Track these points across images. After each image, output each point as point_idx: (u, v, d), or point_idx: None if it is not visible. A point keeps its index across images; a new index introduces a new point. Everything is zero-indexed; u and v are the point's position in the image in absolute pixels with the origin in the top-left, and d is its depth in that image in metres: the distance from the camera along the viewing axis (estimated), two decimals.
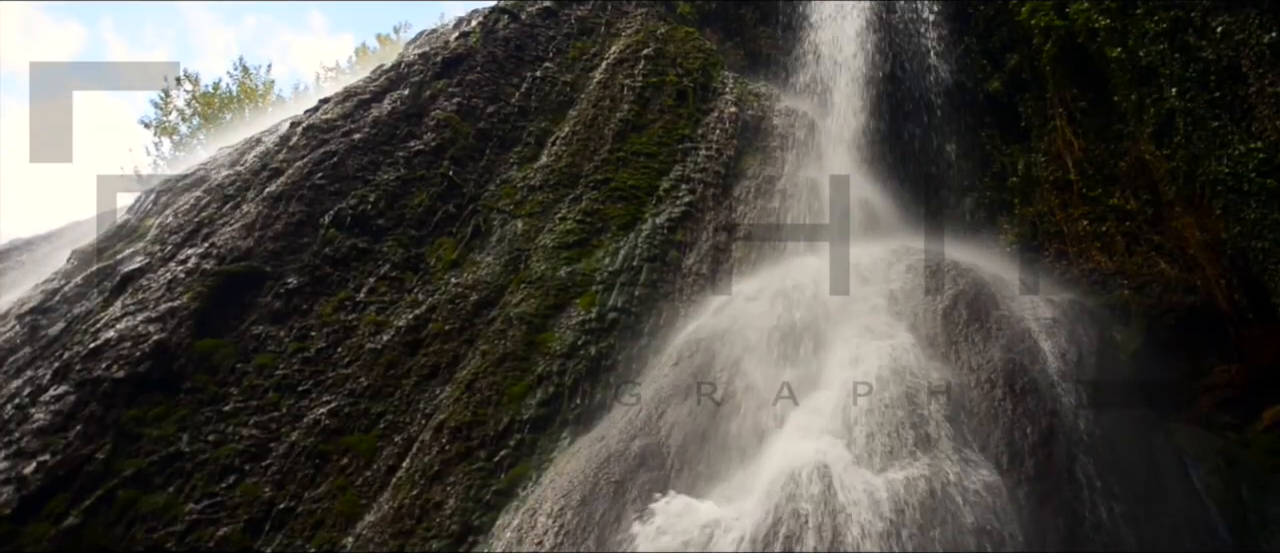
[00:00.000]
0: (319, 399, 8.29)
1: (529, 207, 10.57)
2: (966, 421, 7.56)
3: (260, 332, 8.76)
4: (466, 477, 7.65)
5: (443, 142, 11.12)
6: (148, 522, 7.14)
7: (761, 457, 7.16)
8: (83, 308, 9.29)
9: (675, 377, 8.12)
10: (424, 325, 9.07)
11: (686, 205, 10.58)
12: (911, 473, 6.72)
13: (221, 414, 8.01)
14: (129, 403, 7.86)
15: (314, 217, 9.93)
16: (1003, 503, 6.91)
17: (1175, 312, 10.09)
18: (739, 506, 6.55)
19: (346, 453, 7.93)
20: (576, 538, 6.51)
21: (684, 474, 7.15)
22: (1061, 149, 11.64)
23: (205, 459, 7.63)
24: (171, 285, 8.96)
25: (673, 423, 7.55)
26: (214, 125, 24.15)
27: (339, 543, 7.22)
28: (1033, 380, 8.23)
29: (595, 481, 7.01)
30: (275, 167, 10.69)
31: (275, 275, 9.25)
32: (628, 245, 9.98)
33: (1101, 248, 10.95)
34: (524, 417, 8.15)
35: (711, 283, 9.76)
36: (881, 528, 6.22)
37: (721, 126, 11.83)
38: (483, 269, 9.74)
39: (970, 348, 8.34)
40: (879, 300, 8.87)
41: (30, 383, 8.12)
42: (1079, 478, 7.89)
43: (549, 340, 8.85)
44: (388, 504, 7.46)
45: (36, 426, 7.60)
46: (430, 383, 8.58)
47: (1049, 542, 7.24)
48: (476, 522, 7.36)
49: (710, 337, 8.47)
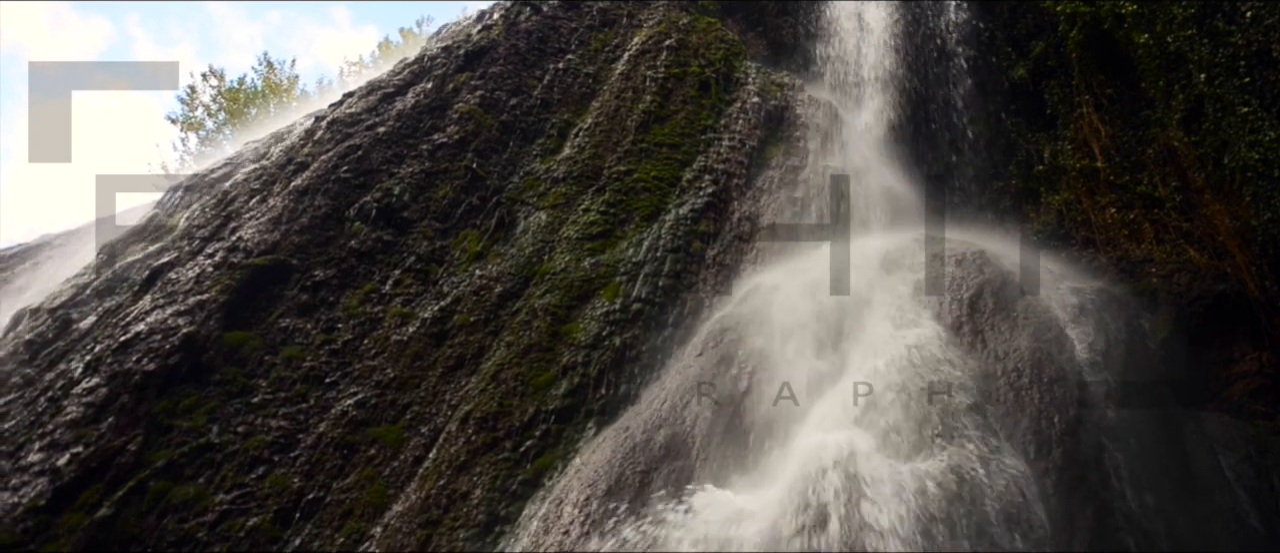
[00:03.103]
0: (346, 391, 8.36)
1: (552, 198, 10.59)
2: (993, 410, 7.51)
3: (287, 324, 8.84)
4: (493, 467, 7.69)
5: (466, 134, 11.16)
6: (179, 512, 7.23)
7: (787, 447, 7.14)
8: (113, 302, 9.41)
9: (700, 367, 8.11)
10: (449, 317, 9.12)
11: (710, 196, 10.56)
12: (937, 462, 6.69)
13: (250, 406, 8.09)
14: (159, 395, 7.95)
15: (339, 210, 10.01)
16: (1030, 492, 6.87)
17: (1205, 299, 9.96)
18: (764, 495, 6.54)
19: (374, 444, 7.99)
20: (602, 528, 6.52)
21: (709, 464, 7.15)
22: (1088, 136, 11.52)
23: (235, 450, 7.72)
24: (200, 279, 9.05)
25: (697, 413, 7.55)
26: (239, 120, 24.37)
27: (367, 533, 7.29)
28: (1060, 369, 8.16)
29: (621, 471, 7.02)
30: (300, 161, 10.77)
31: (302, 268, 9.33)
32: (651, 236, 9.98)
33: (1129, 236, 10.83)
34: (549, 407, 8.17)
35: (735, 273, 9.75)
36: (907, 518, 6.19)
37: (744, 117, 11.79)
38: (507, 261, 9.77)
39: (997, 337, 8.28)
40: (904, 289, 8.82)
41: (62, 376, 8.24)
42: (1107, 467, 7.83)
43: (573, 331, 8.88)
44: (415, 494, 7.51)
45: (69, 418, 7.71)
46: (456, 374, 8.63)
47: (1077, 531, 7.19)
48: (503, 512, 7.39)
49: (735, 327, 8.46)
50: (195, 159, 22.77)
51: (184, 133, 25.78)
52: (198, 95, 25.89)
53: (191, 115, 25.77)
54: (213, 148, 22.98)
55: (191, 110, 25.86)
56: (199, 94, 25.90)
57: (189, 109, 25.91)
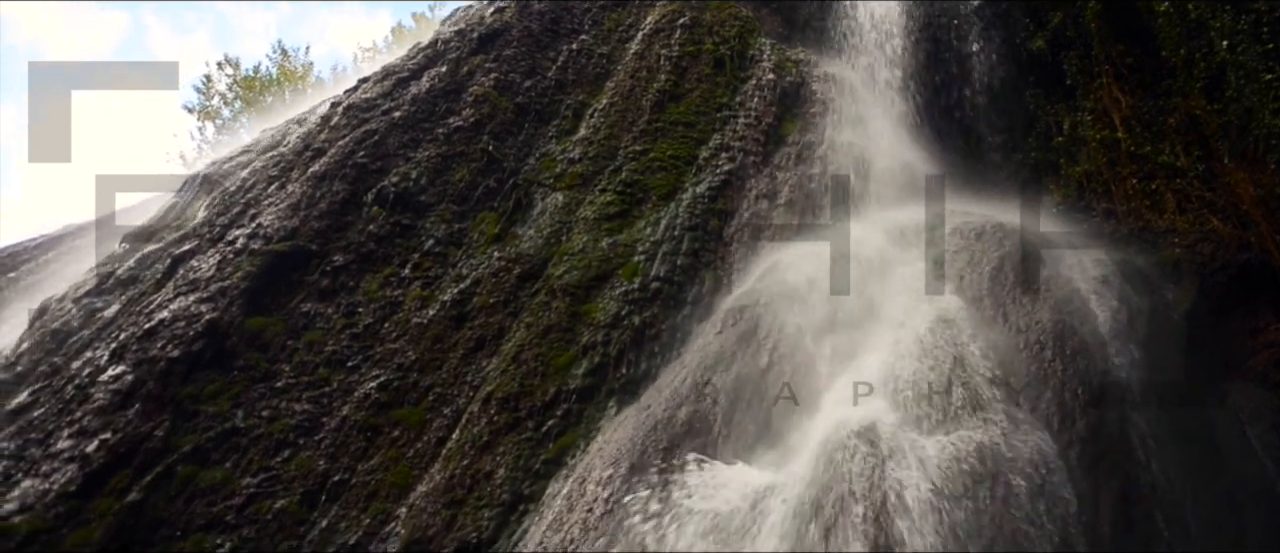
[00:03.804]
0: (368, 374, 8.41)
1: (569, 179, 10.59)
2: (1016, 382, 7.48)
3: (309, 309, 8.90)
4: (515, 447, 7.73)
5: (481, 117, 11.17)
6: (207, 496, 7.31)
7: (809, 422, 7.14)
8: (136, 290, 9.50)
9: (719, 344, 8.11)
10: (469, 299, 9.15)
11: (726, 174, 10.52)
12: (960, 435, 6.66)
13: (274, 390, 8.16)
14: (185, 381, 8.04)
15: (357, 195, 10.05)
16: (1054, 464, 6.84)
17: (1229, 269, 9.86)
18: (787, 471, 6.54)
19: (397, 426, 8.05)
20: (626, 506, 6.54)
21: (731, 441, 7.16)
22: (1109, 107, 11.39)
23: (260, 434, 7.79)
24: (221, 266, 9.12)
25: (719, 390, 7.55)
26: (256, 108, 24.49)
27: (392, 513, 7.35)
28: (1083, 341, 8.11)
29: (643, 448, 7.04)
30: (318, 147, 10.81)
31: (321, 253, 9.39)
32: (669, 215, 9.97)
33: (1151, 206, 10.72)
34: (570, 387, 8.20)
35: (754, 250, 9.72)
36: (931, 491, 6.18)
37: (760, 94, 11.74)
38: (525, 242, 9.79)
39: (1018, 309, 8.23)
40: (924, 264, 8.77)
41: (89, 364, 8.33)
42: (1132, 439, 7.78)
43: (592, 311, 8.89)
44: (439, 475, 7.57)
45: (97, 405, 7.80)
46: (477, 356, 8.67)
47: (1102, 502, 7.16)
48: (526, 491, 7.44)
49: (754, 304, 8.44)
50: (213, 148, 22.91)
51: (201, 122, 25.99)
52: (214, 84, 26.08)
53: (208, 104, 25.97)
54: (230, 136, 23.12)
55: (208, 99, 26.06)
56: (215, 83, 26.09)
57: (205, 98, 26.10)
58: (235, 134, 22.58)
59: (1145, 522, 7.57)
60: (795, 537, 5.85)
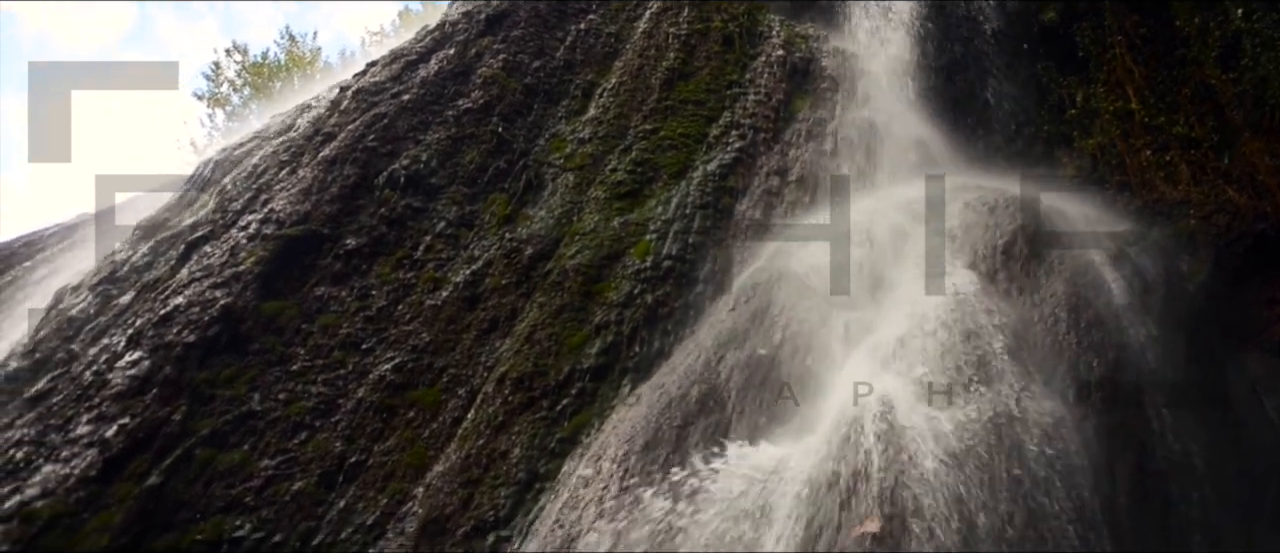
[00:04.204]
0: (383, 356, 8.45)
1: (579, 159, 10.59)
2: (1030, 355, 7.46)
3: (322, 293, 8.94)
4: (530, 426, 7.77)
5: (490, 99, 11.17)
6: (226, 479, 7.38)
7: (823, 398, 7.15)
8: (151, 276, 9.56)
9: (733, 322, 8.11)
10: (481, 280, 9.18)
11: (737, 151, 10.50)
12: (975, 409, 6.66)
13: (290, 373, 8.21)
14: (200, 366, 8.09)
15: (368, 178, 10.07)
16: (1070, 436, 6.83)
17: (1245, 240, 9.79)
18: (803, 445, 6.56)
19: (412, 407, 8.10)
20: (641, 483, 6.57)
21: (745, 417, 7.17)
22: (1121, 78, 11.30)
23: (277, 417, 7.85)
24: (234, 251, 9.17)
25: (732, 367, 7.56)
26: (264, 95, 24.56)
27: (410, 493, 7.40)
28: (1098, 314, 8.09)
29: (658, 425, 7.06)
30: (328, 131, 10.83)
31: (334, 237, 9.42)
32: (680, 194, 9.96)
33: (1166, 178, 10.65)
34: (584, 366, 8.22)
35: (766, 228, 9.70)
36: (945, 463, 6.18)
37: (770, 71, 11.69)
38: (536, 223, 9.80)
39: (1032, 282, 8.21)
40: (937, 238, 8.74)
41: (106, 350, 8.40)
42: (1148, 410, 7.76)
43: (605, 291, 8.90)
44: (455, 455, 7.61)
45: (115, 390, 7.86)
46: (490, 336, 8.70)
47: (1118, 473, 7.15)
48: (542, 469, 7.47)
49: (767, 281, 8.44)
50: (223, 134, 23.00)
51: (211, 109, 26.10)
52: (223, 71, 26.16)
53: (217, 91, 26.06)
54: (240, 123, 23.20)
55: (217, 86, 26.14)
56: (224, 70, 26.17)
57: (215, 85, 26.19)
58: (245, 121, 22.65)
59: (1161, 493, 7.56)
60: (811, 510, 5.86)
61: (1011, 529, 5.97)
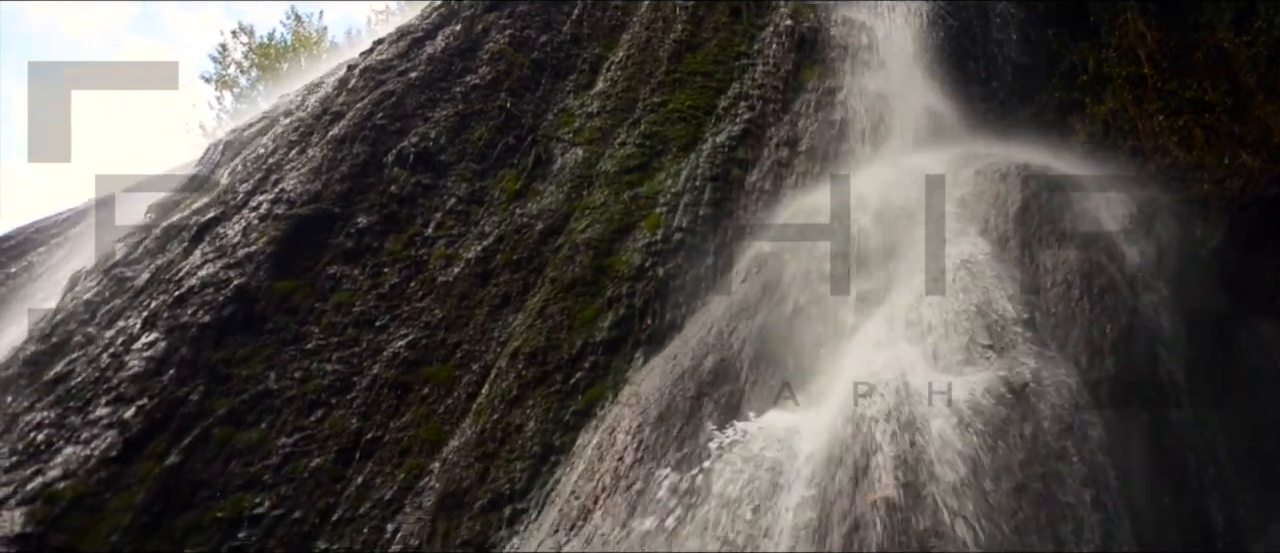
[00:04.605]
0: (396, 333, 8.50)
1: (588, 134, 10.57)
2: (1043, 322, 7.45)
3: (335, 271, 8.97)
4: (544, 400, 7.81)
5: (498, 74, 11.14)
6: (244, 457, 7.45)
7: (835, 367, 7.16)
8: (164, 259, 9.61)
9: (744, 293, 8.13)
10: (492, 256, 9.19)
11: (746, 122, 10.46)
12: (988, 376, 6.66)
13: (304, 352, 8.26)
14: (216, 346, 8.15)
15: (377, 156, 10.08)
16: (1083, 402, 6.83)
17: (1259, 204, 9.74)
18: (816, 415, 6.58)
19: (427, 383, 8.15)
20: (655, 453, 6.62)
21: (758, 387, 7.20)
22: (1134, 42, 11.20)
23: (293, 395, 7.91)
24: (247, 231, 9.20)
25: (744, 338, 7.58)
26: (271, 76, 24.56)
27: (426, 468, 7.46)
28: (1110, 279, 8.06)
29: (671, 397, 7.10)
30: (336, 110, 10.83)
31: (345, 216, 9.44)
32: (689, 166, 9.94)
33: (1179, 142, 10.58)
34: (596, 339, 8.25)
35: (776, 198, 9.69)
36: (959, 431, 6.19)
37: (778, 41, 11.61)
38: (546, 198, 9.81)
39: (1044, 249, 8.17)
40: (949, 207, 8.71)
41: (122, 333, 8.47)
42: (1161, 375, 7.76)
43: (616, 264, 8.92)
44: (470, 430, 7.66)
45: (132, 372, 7.93)
46: (502, 312, 8.73)
47: (1132, 438, 7.15)
48: (557, 442, 7.53)
49: (778, 252, 8.44)
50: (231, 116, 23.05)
51: (218, 91, 26.15)
52: (229, 53, 26.17)
53: (225, 73, 26.10)
54: (248, 104, 23.23)
55: (224, 68, 26.18)
56: (230, 52, 26.19)
57: (222, 68, 26.22)
58: (252, 102, 22.67)
59: (1175, 457, 7.57)
60: (825, 479, 5.89)
61: (1026, 495, 5.99)
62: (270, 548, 6.91)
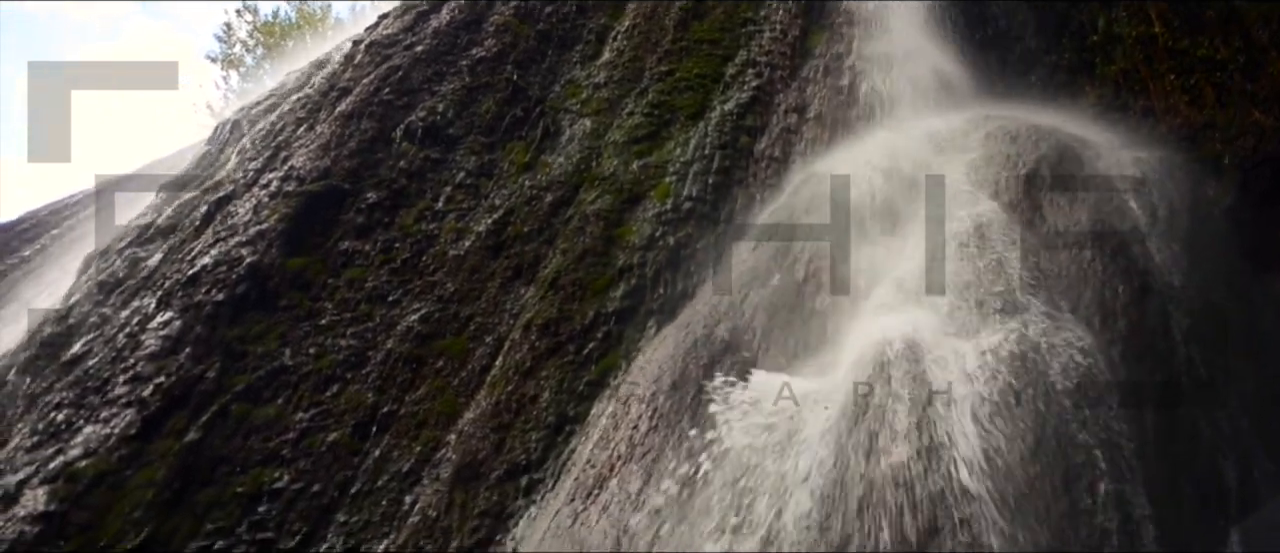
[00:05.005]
0: (409, 307, 8.53)
1: (595, 104, 10.54)
2: (1055, 284, 7.45)
3: (347, 247, 9.00)
4: (558, 371, 7.85)
5: (504, 47, 11.10)
6: (262, 432, 7.52)
7: (847, 333, 7.17)
8: (176, 239, 9.65)
9: (755, 260, 8.13)
10: (503, 229, 9.21)
11: (754, 89, 10.41)
12: (1001, 338, 6.66)
13: (319, 328, 8.31)
14: (231, 323, 8.20)
15: (385, 131, 10.07)
16: (1096, 362, 6.84)
17: (1272, 163, 9.69)
18: (828, 379, 6.60)
19: (441, 356, 8.19)
20: (670, 421, 6.66)
21: (770, 354, 7.23)
22: (1144, 1, 11.09)
23: (309, 371, 7.96)
24: (257, 209, 9.23)
25: (756, 305, 7.59)
26: (277, 54, 24.53)
27: (442, 440, 7.52)
28: (1123, 240, 8.04)
29: (684, 365, 7.13)
30: (343, 86, 10.83)
31: (355, 192, 9.46)
32: (698, 135, 9.90)
33: (1190, 102, 10.50)
34: (609, 310, 8.28)
35: (785, 165, 9.67)
36: (973, 393, 6.21)
37: (784, 6, 11.52)
38: (555, 170, 9.80)
39: (1056, 211, 8.15)
40: (959, 170, 8.68)
41: (137, 312, 8.52)
42: (1174, 334, 7.75)
43: (627, 234, 8.93)
44: (485, 401, 7.72)
45: (149, 351, 7.99)
46: (514, 284, 8.76)
47: (1145, 399, 7.16)
48: (571, 412, 7.57)
49: (788, 218, 8.44)
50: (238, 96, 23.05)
51: (225, 71, 26.17)
52: (235, 32, 26.14)
53: (230, 52, 26.08)
54: (254, 83, 23.24)
55: (230, 47, 26.16)
56: (235, 31, 26.16)
57: (227, 47, 26.20)
58: (259, 81, 22.67)
59: (1189, 416, 7.58)
60: (838, 444, 5.92)
61: (1039, 456, 6.01)
62: (290, 521, 6.99)
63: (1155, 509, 6.33)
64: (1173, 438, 7.31)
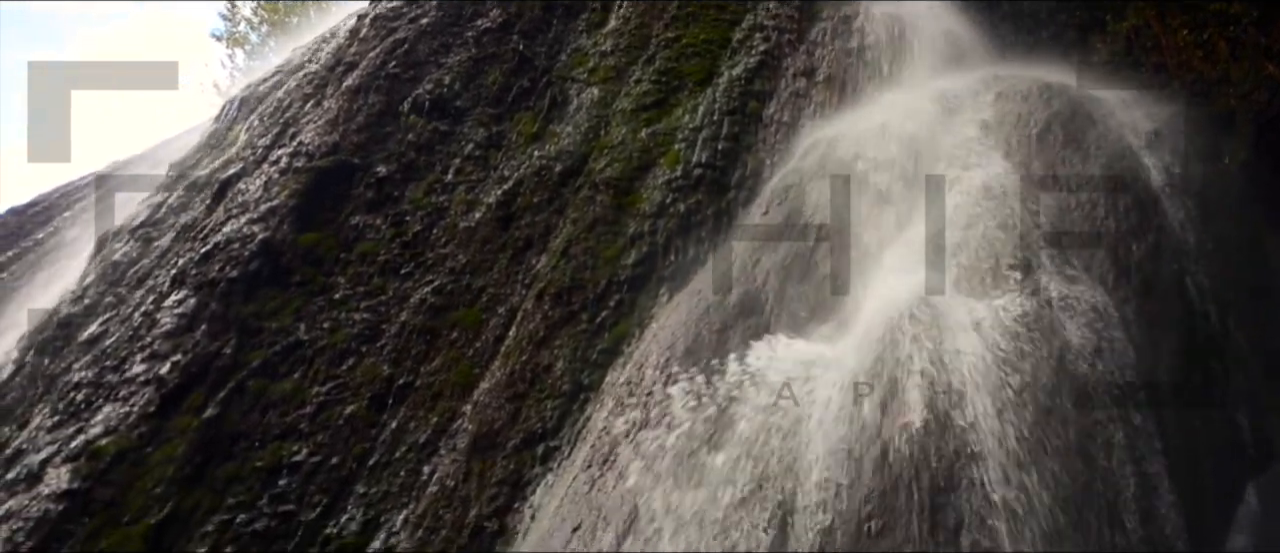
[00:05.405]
0: (422, 280, 8.55)
1: (602, 73, 10.48)
2: (1068, 242, 7.42)
3: (358, 222, 9.02)
4: (572, 339, 7.87)
5: (509, 16, 11.03)
6: (279, 407, 7.58)
7: (860, 295, 7.17)
8: (188, 217, 9.70)
9: (767, 225, 8.12)
10: (513, 200, 9.20)
11: (762, 54, 10.32)
12: (1015, 298, 6.66)
13: (332, 302, 8.34)
14: (245, 300, 8.24)
15: (393, 105, 10.05)
16: (1110, 320, 6.83)
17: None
18: (842, 344, 6.61)
19: (454, 328, 8.22)
20: (684, 387, 6.66)
21: (783, 318, 7.23)
22: None
23: (324, 345, 8.00)
24: (268, 186, 9.24)
25: (768, 269, 7.58)
26: (281, 31, 24.45)
27: (459, 411, 7.56)
28: (1136, 197, 8.01)
29: (697, 331, 7.14)
30: (349, 60, 10.79)
31: (364, 166, 9.45)
32: (706, 101, 9.84)
33: (1204, 57, 10.40)
34: (620, 277, 8.28)
35: (795, 130, 9.61)
36: (987, 354, 6.21)
37: None
38: (564, 139, 9.76)
39: (1068, 169, 8.11)
40: (970, 131, 8.63)
41: (152, 292, 8.58)
42: (1189, 290, 7.74)
43: (637, 202, 8.91)
44: (500, 372, 7.75)
45: (165, 329, 8.05)
46: (526, 254, 8.76)
47: (1161, 356, 7.16)
48: (586, 380, 7.60)
49: (799, 182, 8.40)
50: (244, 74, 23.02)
51: (230, 49, 26.14)
52: (238, 10, 26.08)
53: (235, 31, 26.04)
54: (260, 61, 23.20)
55: (234, 25, 26.12)
56: (239, 9, 26.10)
57: (232, 25, 26.17)
58: (265, 58, 22.62)
59: (1204, 371, 7.58)
60: (852, 406, 5.93)
61: (1054, 414, 6.02)
62: (310, 494, 7.06)
63: (1171, 463, 6.35)
64: (1188, 393, 7.31)
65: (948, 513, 5.28)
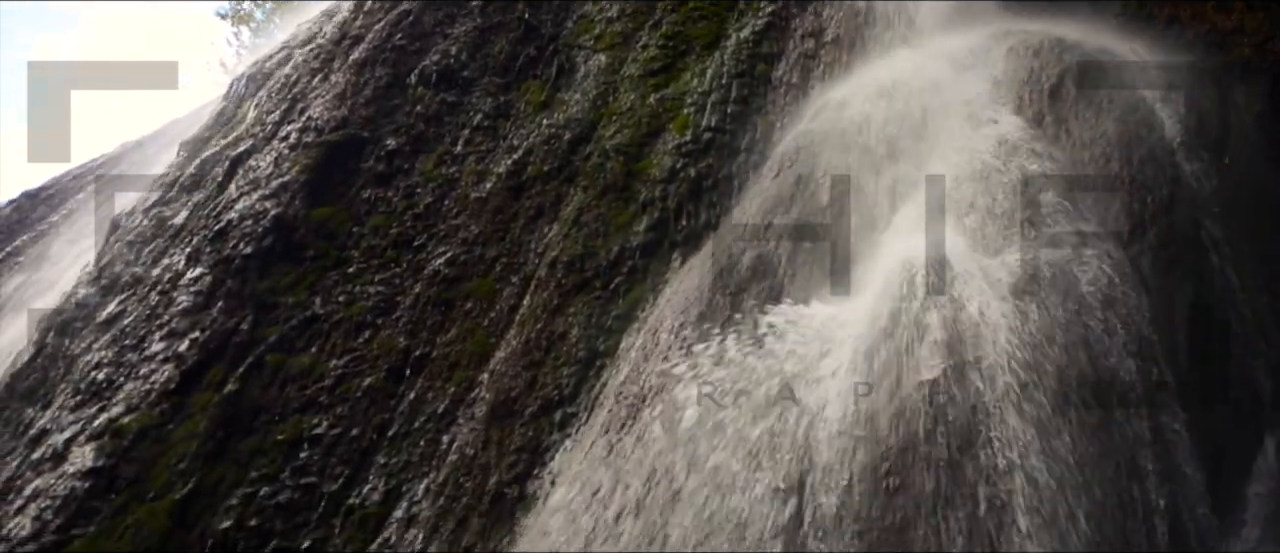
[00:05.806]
0: (435, 251, 8.58)
1: (609, 39, 10.42)
2: (1082, 197, 7.38)
3: (369, 195, 9.04)
4: (586, 306, 7.90)
5: None
6: (298, 381, 7.64)
7: (873, 256, 7.16)
8: (201, 195, 9.71)
9: (778, 187, 8.08)
10: (523, 169, 9.19)
11: (769, 16, 10.23)
12: (1029, 253, 6.64)
13: (347, 276, 8.38)
14: (261, 276, 8.29)
15: (400, 77, 10.03)
16: (1125, 274, 6.81)
17: None
18: (855, 303, 6.61)
19: (469, 298, 8.25)
20: (698, 351, 6.68)
21: (796, 281, 7.23)
22: None
23: (340, 319, 8.05)
24: (278, 162, 9.27)
25: (780, 232, 7.57)
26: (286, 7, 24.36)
27: (476, 380, 7.61)
28: (1150, 149, 7.96)
29: (711, 295, 7.16)
30: (355, 34, 10.76)
31: (374, 139, 9.46)
32: (714, 64, 9.77)
33: (1217, 7, 10.25)
34: (633, 244, 8.28)
35: (804, 91, 9.55)
36: (1004, 311, 6.21)
37: None
38: (572, 107, 9.73)
39: (1081, 124, 8.05)
40: (982, 87, 8.56)
41: (168, 270, 8.63)
42: (1205, 242, 7.70)
43: (647, 168, 8.89)
44: (515, 340, 7.79)
45: (182, 307, 8.12)
46: (538, 223, 8.77)
47: (1176, 308, 7.15)
48: (601, 347, 7.62)
49: (809, 144, 8.35)
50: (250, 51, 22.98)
51: (235, 27, 26.09)
52: None
53: (240, 8, 25.97)
54: (265, 37, 23.14)
55: (239, 3, 26.05)
56: None
57: (236, 2, 26.10)
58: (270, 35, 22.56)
59: (1221, 324, 7.56)
60: (868, 366, 5.95)
61: (1071, 369, 6.03)
62: (332, 466, 7.14)
63: (1189, 416, 6.35)
64: (1205, 347, 7.30)
65: (965, 468, 5.31)
